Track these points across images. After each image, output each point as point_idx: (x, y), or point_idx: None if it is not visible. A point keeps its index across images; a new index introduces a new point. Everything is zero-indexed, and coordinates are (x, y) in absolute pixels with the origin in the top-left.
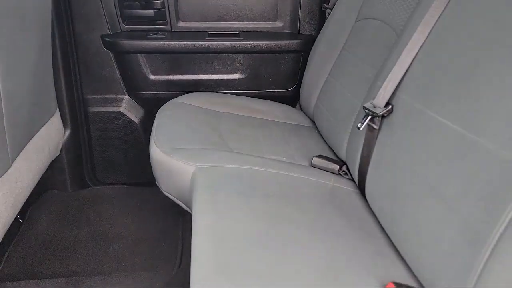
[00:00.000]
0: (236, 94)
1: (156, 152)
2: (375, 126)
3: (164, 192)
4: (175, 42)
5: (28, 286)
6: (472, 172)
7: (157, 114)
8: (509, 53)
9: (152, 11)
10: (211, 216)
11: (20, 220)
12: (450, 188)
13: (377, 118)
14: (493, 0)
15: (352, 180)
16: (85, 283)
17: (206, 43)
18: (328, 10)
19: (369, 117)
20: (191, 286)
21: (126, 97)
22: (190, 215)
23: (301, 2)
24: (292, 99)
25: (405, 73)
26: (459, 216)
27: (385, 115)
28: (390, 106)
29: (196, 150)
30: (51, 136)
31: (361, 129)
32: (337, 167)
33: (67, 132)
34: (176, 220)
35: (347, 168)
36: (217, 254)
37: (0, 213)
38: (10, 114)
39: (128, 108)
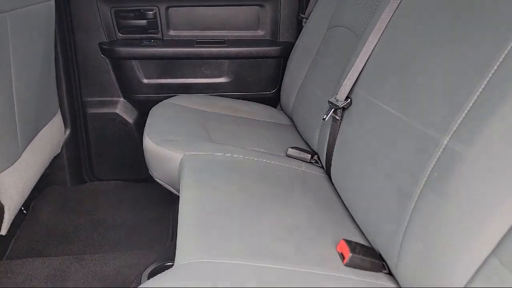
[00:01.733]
0: (222, 96)
1: (149, 143)
2: (337, 117)
3: (156, 179)
4: (166, 49)
5: (35, 263)
6: (404, 147)
7: (149, 113)
8: (434, 53)
9: (145, 21)
10: (195, 190)
11: (24, 211)
12: (389, 162)
13: (339, 110)
14: (427, 9)
15: (322, 168)
16: (86, 259)
17: (194, 50)
18: (304, 20)
19: (332, 110)
20: (178, 239)
21: (122, 99)
22: None
23: (280, 12)
24: (273, 101)
25: (361, 71)
26: (394, 182)
27: (345, 107)
28: (349, 100)
29: (184, 141)
30: (53, 134)
31: (326, 119)
32: (309, 156)
33: (67, 132)
34: (167, 209)
35: (318, 158)
36: (200, 216)
37: (11, 196)
38: (20, 111)
39: (123, 109)
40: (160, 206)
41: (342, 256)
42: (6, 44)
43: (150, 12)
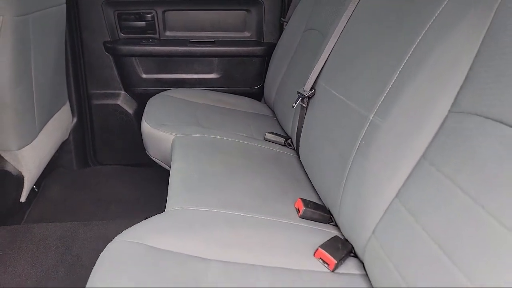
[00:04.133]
0: (212, 90)
1: (147, 127)
2: (304, 105)
3: (152, 157)
4: (163, 48)
5: (49, 226)
6: (346, 123)
7: (147, 103)
8: (372, 50)
9: (144, 22)
10: (183, 163)
11: (36, 189)
12: (338, 139)
13: (306, 99)
14: (370, 18)
15: (294, 150)
16: (91, 225)
17: (188, 48)
18: (285, 23)
19: (300, 98)
20: (168, 195)
21: (123, 92)
22: None
23: (264, 16)
24: (258, 95)
25: (323, 66)
26: (338, 151)
27: (310, 96)
28: (313, 90)
29: (176, 126)
30: (63, 121)
31: (294, 107)
32: (283, 140)
33: (74, 120)
34: (162, 188)
35: (291, 141)
36: (186, 180)
37: (30, 170)
38: (38, 98)
39: (124, 101)
40: (155, 186)
41: (298, 210)
42: (28, 41)
43: (149, 15)
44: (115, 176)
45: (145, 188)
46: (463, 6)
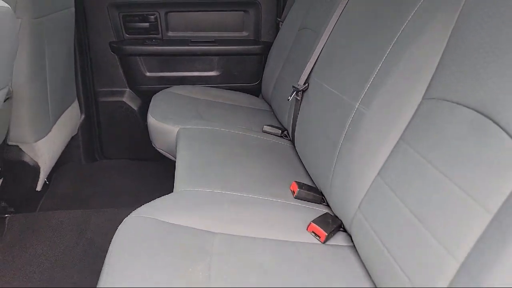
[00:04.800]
0: (212, 87)
1: (152, 120)
2: (298, 98)
3: (158, 149)
4: (166, 47)
5: (63, 213)
6: (336, 113)
7: (152, 99)
8: (360, 46)
9: (148, 23)
10: (188, 152)
11: (47, 183)
12: (328, 127)
13: (300, 92)
14: (362, 16)
15: (290, 140)
16: (102, 212)
17: (189, 48)
18: (280, 23)
19: (295, 92)
20: (175, 179)
21: (128, 90)
22: None
23: (261, 16)
24: (256, 91)
25: (316, 61)
26: (330, 139)
27: (304, 90)
28: (307, 84)
29: (179, 119)
30: (72, 117)
31: (289, 100)
32: (280, 131)
33: (82, 116)
34: (167, 180)
35: (287, 132)
36: (191, 166)
37: (45, 161)
38: (51, 94)
39: (129, 98)
40: (160, 179)
41: (293, 192)
42: (43, 41)
43: (152, 16)
44: (121, 169)
45: (151, 181)
46: (433, 9)
